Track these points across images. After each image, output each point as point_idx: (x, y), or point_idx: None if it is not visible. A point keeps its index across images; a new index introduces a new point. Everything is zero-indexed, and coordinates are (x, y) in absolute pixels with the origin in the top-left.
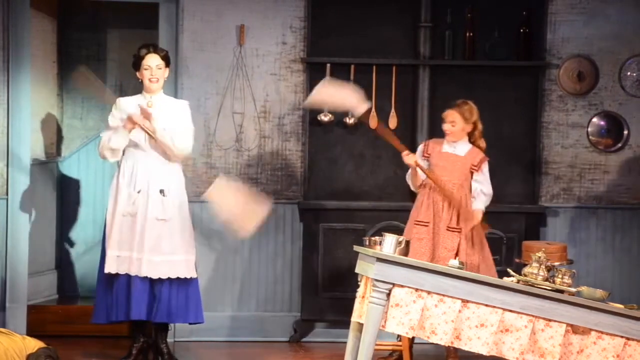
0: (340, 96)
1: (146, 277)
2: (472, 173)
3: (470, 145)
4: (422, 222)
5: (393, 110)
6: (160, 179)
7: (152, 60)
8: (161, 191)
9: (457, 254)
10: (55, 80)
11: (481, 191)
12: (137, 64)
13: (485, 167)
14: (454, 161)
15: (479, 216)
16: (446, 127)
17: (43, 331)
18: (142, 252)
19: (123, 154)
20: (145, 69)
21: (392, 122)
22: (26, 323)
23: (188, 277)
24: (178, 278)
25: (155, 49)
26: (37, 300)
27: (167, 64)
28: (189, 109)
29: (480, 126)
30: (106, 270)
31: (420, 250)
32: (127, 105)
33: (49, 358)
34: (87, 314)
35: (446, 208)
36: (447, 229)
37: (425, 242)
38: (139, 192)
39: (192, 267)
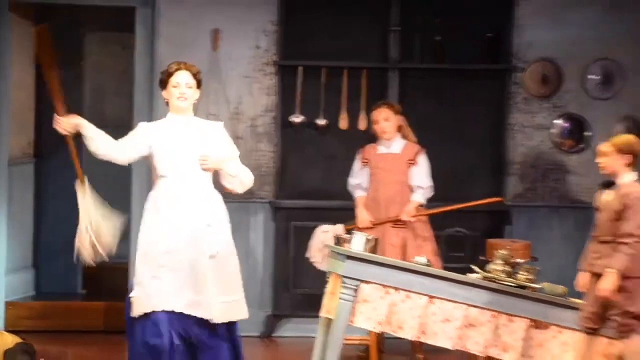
0: None
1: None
2: (410, 168)
3: (404, 141)
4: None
5: (363, 112)
6: (205, 211)
7: (182, 77)
8: (208, 224)
9: (404, 249)
10: (34, 83)
11: (417, 186)
12: (164, 82)
13: (421, 159)
14: (392, 160)
15: (406, 214)
16: (382, 124)
17: (20, 327)
18: (199, 294)
19: (155, 183)
20: (174, 86)
21: (362, 124)
22: (4, 319)
23: (243, 318)
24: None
25: (187, 65)
26: (15, 297)
27: (198, 85)
28: (226, 132)
29: (404, 120)
30: (136, 313)
31: None
32: (152, 130)
33: (25, 353)
34: (64, 310)
35: (388, 207)
36: (392, 226)
37: None
38: (183, 227)
39: (245, 306)
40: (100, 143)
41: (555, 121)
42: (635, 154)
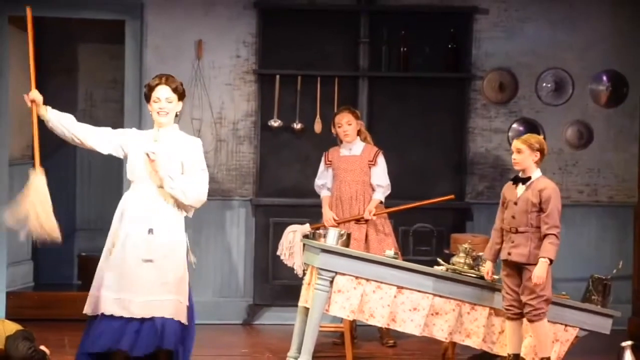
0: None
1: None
2: (370, 168)
3: (363, 144)
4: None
5: None
6: (151, 217)
7: (162, 92)
8: (150, 230)
9: (367, 244)
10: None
11: (377, 185)
12: (147, 96)
13: (380, 160)
14: (353, 161)
15: (367, 214)
16: (345, 128)
17: (20, 315)
18: (124, 292)
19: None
20: (155, 101)
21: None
22: (5, 308)
23: (175, 319)
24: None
25: (167, 80)
26: (15, 288)
27: (180, 97)
28: (201, 149)
29: (363, 124)
30: (84, 311)
31: None
32: (135, 137)
33: (26, 339)
34: (60, 300)
35: (351, 205)
36: (355, 223)
37: None
38: (128, 230)
39: (183, 309)
40: (60, 121)
41: (512, 125)
42: (543, 152)
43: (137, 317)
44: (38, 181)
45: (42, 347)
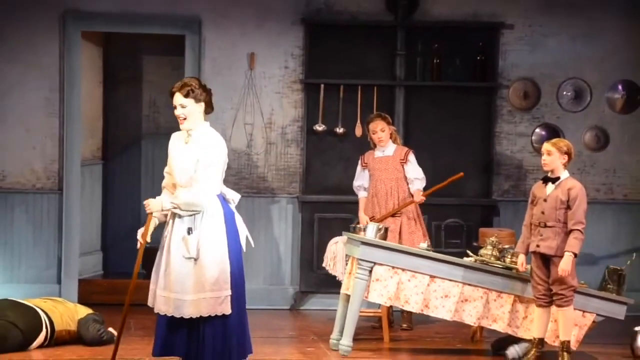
0: None
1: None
2: (403, 166)
3: (395, 145)
4: (371, 217)
5: None
6: (189, 217)
7: (176, 100)
8: (189, 229)
9: (400, 233)
10: (101, 97)
11: (414, 178)
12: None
13: (411, 157)
14: (386, 161)
15: (418, 196)
16: (379, 135)
17: (91, 300)
18: (164, 290)
19: None
20: (174, 108)
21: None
22: (77, 294)
23: (219, 314)
24: (216, 317)
25: (181, 87)
26: (86, 275)
27: (197, 100)
28: (215, 146)
29: (394, 128)
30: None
31: None
32: (174, 139)
33: (96, 322)
34: (126, 286)
35: (387, 200)
36: (390, 216)
37: None
38: (172, 231)
39: (225, 303)
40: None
41: (535, 130)
42: (570, 155)
43: (186, 317)
44: None
45: (111, 329)
